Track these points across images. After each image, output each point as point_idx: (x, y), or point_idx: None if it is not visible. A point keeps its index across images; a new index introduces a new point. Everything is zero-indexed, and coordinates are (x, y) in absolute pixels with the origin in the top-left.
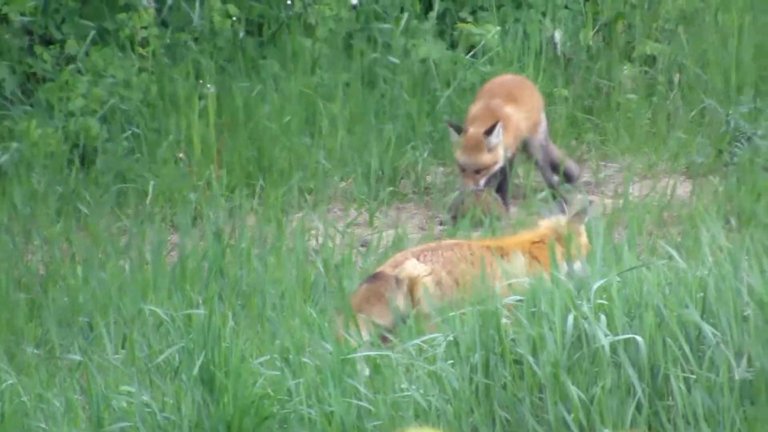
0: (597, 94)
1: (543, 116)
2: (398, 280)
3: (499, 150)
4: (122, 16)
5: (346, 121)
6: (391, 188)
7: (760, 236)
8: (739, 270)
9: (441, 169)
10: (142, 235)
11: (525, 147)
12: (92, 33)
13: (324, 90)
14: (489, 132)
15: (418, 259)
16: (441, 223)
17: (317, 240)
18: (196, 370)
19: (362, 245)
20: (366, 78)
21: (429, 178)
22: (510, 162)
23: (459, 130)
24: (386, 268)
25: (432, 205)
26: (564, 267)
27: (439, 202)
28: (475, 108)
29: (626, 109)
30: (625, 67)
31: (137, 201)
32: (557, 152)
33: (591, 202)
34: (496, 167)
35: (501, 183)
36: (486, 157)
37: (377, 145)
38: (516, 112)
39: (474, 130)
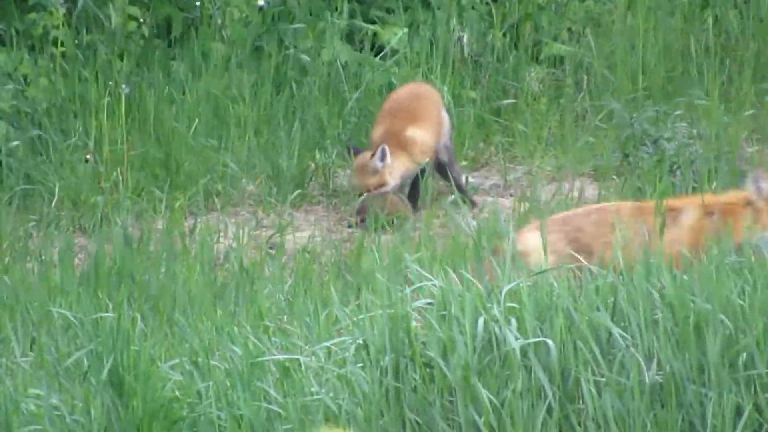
0: (505, 95)
1: (444, 117)
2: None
3: (386, 173)
4: (33, 15)
5: (255, 124)
6: (299, 191)
7: None
8: (650, 273)
9: (349, 171)
10: (49, 237)
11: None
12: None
13: (233, 92)
14: (374, 155)
15: (541, 231)
16: (349, 226)
17: (226, 243)
18: (105, 374)
19: (271, 248)
20: (275, 80)
21: (338, 181)
22: (422, 170)
23: (359, 152)
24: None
25: (340, 207)
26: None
27: (348, 204)
28: (377, 133)
29: (534, 111)
30: (533, 69)
31: (43, 204)
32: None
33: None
34: (385, 189)
35: (412, 188)
36: (371, 180)
37: (286, 148)
38: (420, 131)
39: (362, 154)
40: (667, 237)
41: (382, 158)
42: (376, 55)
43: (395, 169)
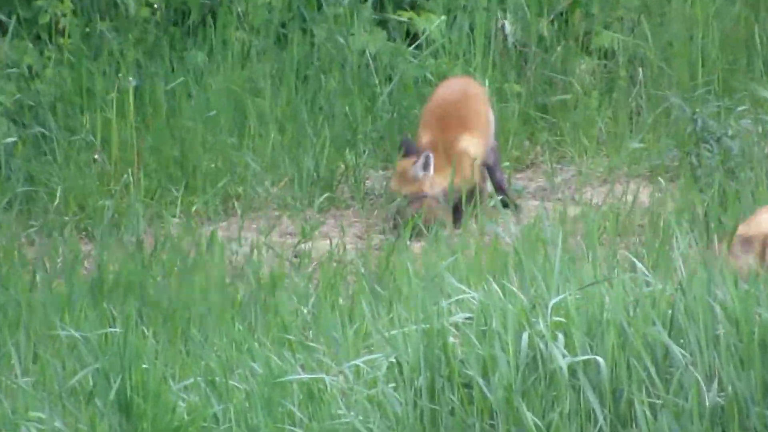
0: (552, 90)
1: (491, 117)
2: (746, 240)
3: (425, 183)
4: (40, 2)
5: (278, 120)
6: (327, 194)
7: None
8: (711, 285)
9: (382, 172)
10: (53, 244)
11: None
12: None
13: (254, 85)
14: (417, 162)
15: None
16: (383, 232)
17: (246, 251)
18: (112, 395)
19: (295, 257)
20: (300, 72)
21: (369, 183)
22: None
23: (409, 151)
24: (741, 226)
25: (372, 212)
26: None
27: (381, 208)
28: (425, 139)
29: (584, 107)
30: (583, 61)
31: (47, 208)
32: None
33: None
34: (428, 195)
35: (458, 204)
36: (407, 188)
37: (312, 146)
38: (473, 142)
39: (406, 160)
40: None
41: (425, 167)
42: (409, 45)
43: (437, 183)
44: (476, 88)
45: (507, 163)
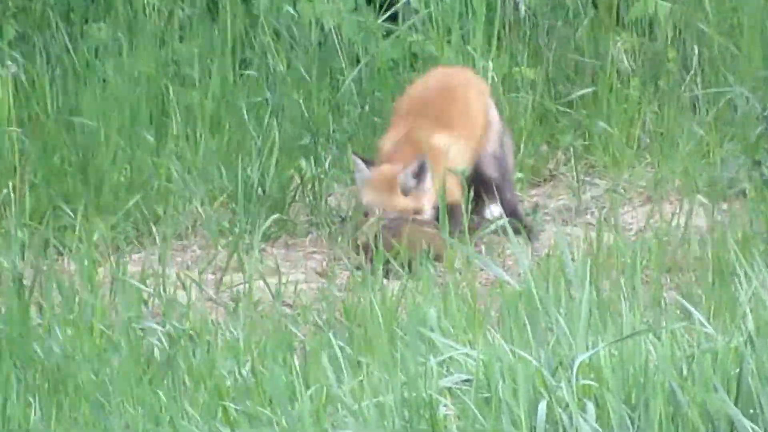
0: (578, 76)
1: (493, 116)
2: None
3: (422, 198)
4: None
5: (210, 117)
6: (276, 215)
7: None
8: None
9: (349, 187)
10: None
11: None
12: None
13: (177, 70)
14: (414, 172)
15: None
16: (358, 268)
17: (168, 293)
18: None
19: (233, 300)
20: (238, 53)
21: (332, 201)
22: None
23: (369, 163)
24: None
25: (336, 239)
26: None
27: (348, 234)
28: (393, 135)
29: (621, 100)
30: (618, 38)
31: None
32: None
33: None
34: (421, 213)
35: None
36: (400, 202)
37: (256, 152)
38: (451, 139)
39: (385, 167)
40: None
41: (419, 176)
42: (382, 16)
43: (430, 195)
44: (468, 79)
45: (519, 175)
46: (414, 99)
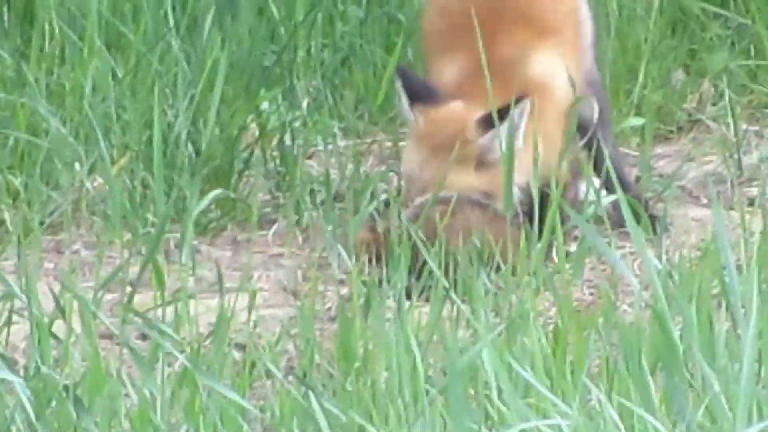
0: None
1: (586, 18)
2: None
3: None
4: None
5: (104, 26)
6: (218, 191)
7: None
8: None
9: (343, 143)
10: None
11: None
12: None
13: None
14: (493, 120)
15: None
16: (378, 282)
17: (44, 315)
18: None
19: (144, 336)
20: None
21: (314, 166)
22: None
23: (426, 95)
24: None
25: (320, 233)
26: None
27: (345, 224)
28: (452, 70)
29: None
30: None
31: None
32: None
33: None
34: (495, 201)
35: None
36: (468, 179)
37: (184, 86)
38: (554, 63)
39: (461, 105)
40: None
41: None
42: None
43: (524, 161)
44: None
45: (636, 121)
46: None
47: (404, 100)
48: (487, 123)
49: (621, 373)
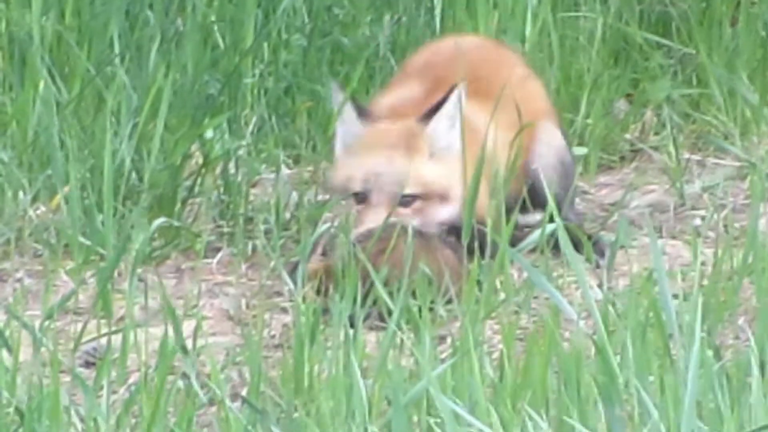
0: None
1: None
2: None
3: (452, 169)
4: None
5: (50, 48)
6: (161, 220)
7: None
8: None
9: (289, 171)
10: None
11: None
12: None
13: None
14: (435, 111)
15: None
16: (324, 311)
17: None
18: None
19: (88, 361)
20: None
21: (257, 194)
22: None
23: (361, 110)
24: None
25: (268, 261)
26: None
27: (289, 252)
28: (399, 93)
29: (754, 19)
30: None
31: None
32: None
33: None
34: (450, 202)
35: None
36: (427, 170)
37: (128, 113)
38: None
39: (405, 118)
40: None
41: (448, 114)
42: None
43: (458, 181)
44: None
45: (581, 150)
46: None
47: (352, 113)
48: (430, 115)
49: (562, 402)
